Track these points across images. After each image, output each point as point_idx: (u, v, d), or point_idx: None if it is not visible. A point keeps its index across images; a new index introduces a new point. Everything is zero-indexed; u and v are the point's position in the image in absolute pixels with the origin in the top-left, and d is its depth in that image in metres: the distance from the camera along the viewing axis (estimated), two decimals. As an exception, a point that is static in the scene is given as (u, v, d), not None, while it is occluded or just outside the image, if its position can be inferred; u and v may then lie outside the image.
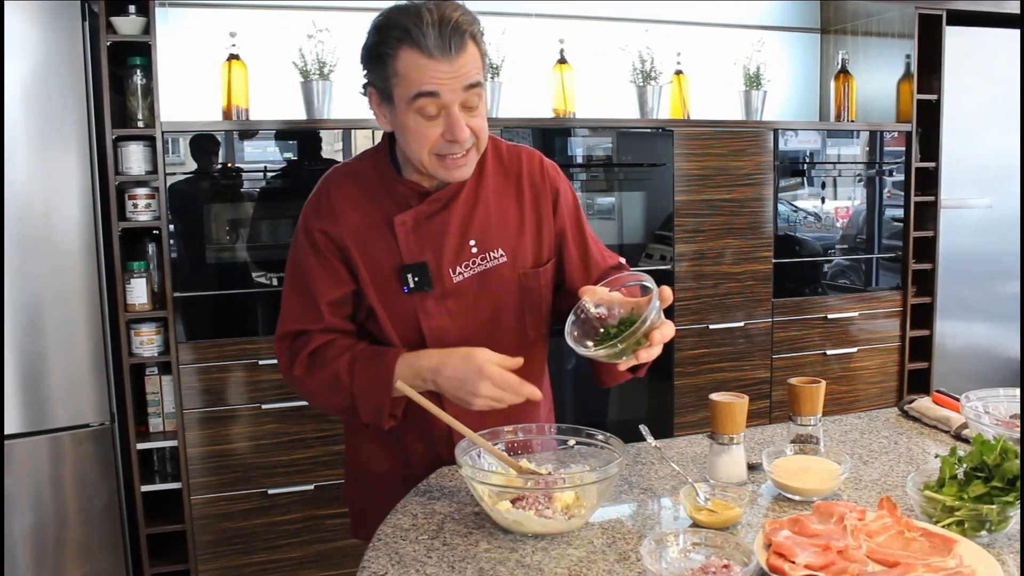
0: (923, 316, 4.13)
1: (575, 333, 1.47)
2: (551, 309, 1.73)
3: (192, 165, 3.06)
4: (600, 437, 1.52)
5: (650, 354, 1.42)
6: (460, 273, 1.61)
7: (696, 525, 1.36)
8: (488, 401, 1.47)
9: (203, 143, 3.08)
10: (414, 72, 1.43)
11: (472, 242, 1.61)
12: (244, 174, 3.13)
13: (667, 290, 1.43)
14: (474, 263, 1.62)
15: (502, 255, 1.64)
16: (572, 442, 1.55)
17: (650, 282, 1.46)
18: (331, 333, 1.60)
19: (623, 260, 1.79)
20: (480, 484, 1.35)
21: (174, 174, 3.03)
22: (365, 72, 1.53)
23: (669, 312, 3.68)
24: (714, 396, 1.55)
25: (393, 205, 1.59)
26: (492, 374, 1.46)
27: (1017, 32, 4.00)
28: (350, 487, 1.84)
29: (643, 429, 1.63)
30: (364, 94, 1.57)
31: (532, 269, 1.67)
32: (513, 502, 1.35)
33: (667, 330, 1.42)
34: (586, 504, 1.36)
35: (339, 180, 1.64)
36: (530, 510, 1.33)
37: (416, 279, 1.58)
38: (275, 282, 3.18)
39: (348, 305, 1.62)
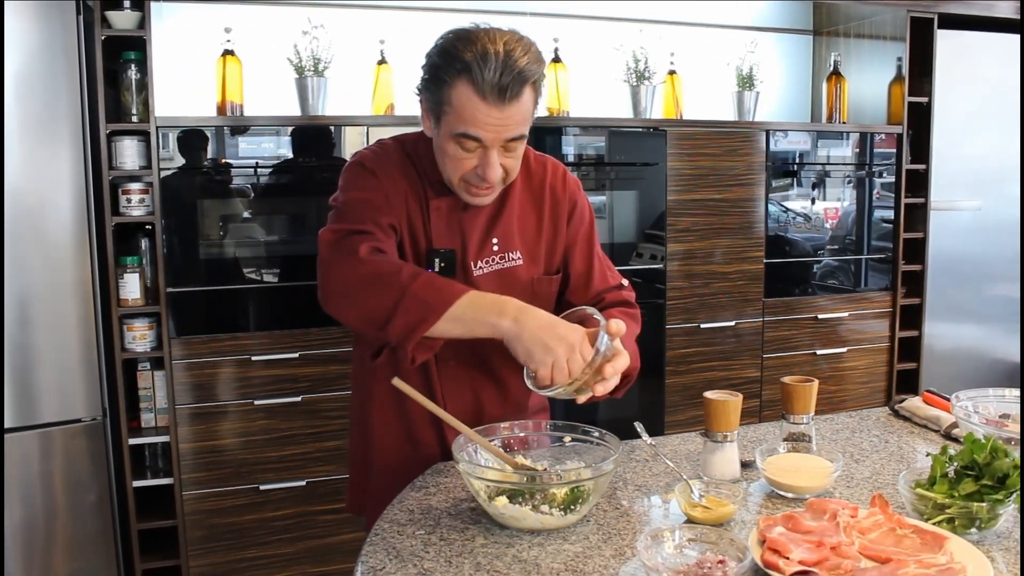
0: (912, 317, 4.16)
1: (533, 375, 1.46)
2: None
3: (187, 160, 3.06)
4: (595, 434, 1.53)
5: (605, 388, 1.45)
6: (481, 268, 1.65)
7: (691, 521, 1.38)
8: (564, 357, 1.38)
9: (194, 139, 3.07)
10: (465, 110, 1.46)
11: (495, 240, 1.67)
12: (238, 170, 3.13)
13: (615, 323, 1.44)
14: (494, 260, 1.67)
15: (519, 258, 1.69)
16: (568, 439, 1.57)
17: (598, 315, 1.48)
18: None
19: (625, 282, 1.82)
20: (477, 480, 1.36)
21: (168, 169, 3.03)
22: (423, 80, 1.55)
23: (660, 311, 3.68)
24: (708, 394, 1.57)
25: (431, 189, 1.63)
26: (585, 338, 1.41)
27: (1008, 36, 4.03)
28: (354, 462, 1.83)
29: (638, 426, 1.64)
30: (417, 95, 1.60)
31: (544, 276, 1.72)
32: (509, 498, 1.36)
33: (619, 363, 1.45)
34: (582, 500, 1.37)
35: (395, 146, 1.67)
36: (526, 506, 1.34)
37: (443, 264, 1.61)
38: (267, 278, 3.19)
39: (394, 238, 1.59)
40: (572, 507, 1.36)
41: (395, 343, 1.47)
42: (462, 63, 1.44)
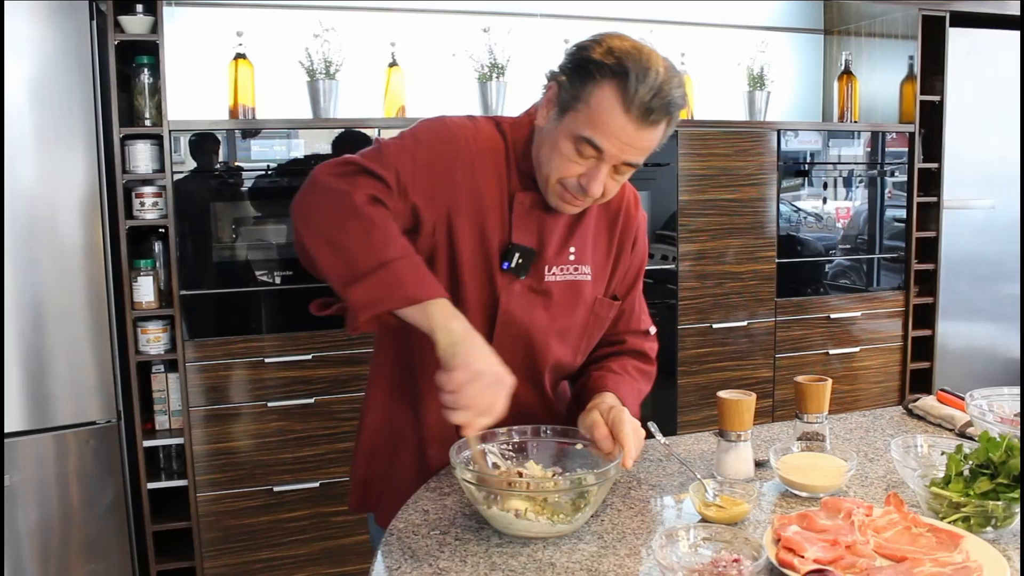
0: (925, 316, 4.14)
1: None
2: None
3: (199, 163, 3.08)
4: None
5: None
6: (554, 273, 1.58)
7: (705, 521, 1.38)
8: (476, 395, 1.32)
9: (206, 142, 3.09)
10: (601, 115, 1.38)
11: (572, 249, 1.60)
12: (250, 173, 3.14)
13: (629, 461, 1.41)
14: (567, 270, 1.60)
15: (588, 274, 1.63)
16: (579, 446, 1.52)
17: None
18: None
19: (653, 330, 1.79)
20: (469, 485, 1.34)
21: (181, 172, 3.04)
22: (562, 67, 1.46)
23: (672, 311, 3.68)
24: (722, 393, 1.57)
25: (516, 182, 1.54)
26: (508, 397, 1.36)
27: (1019, 34, 4.02)
28: (367, 456, 1.75)
29: (652, 426, 1.64)
30: (548, 80, 1.50)
31: (604, 298, 1.67)
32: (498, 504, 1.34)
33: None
34: (571, 511, 1.34)
35: (487, 131, 1.55)
36: (510, 513, 1.31)
37: (520, 260, 1.53)
38: (280, 280, 3.20)
39: (405, 215, 1.47)
40: (567, 515, 1.33)
41: (350, 306, 1.38)
42: (621, 67, 1.36)
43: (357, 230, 1.36)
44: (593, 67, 1.39)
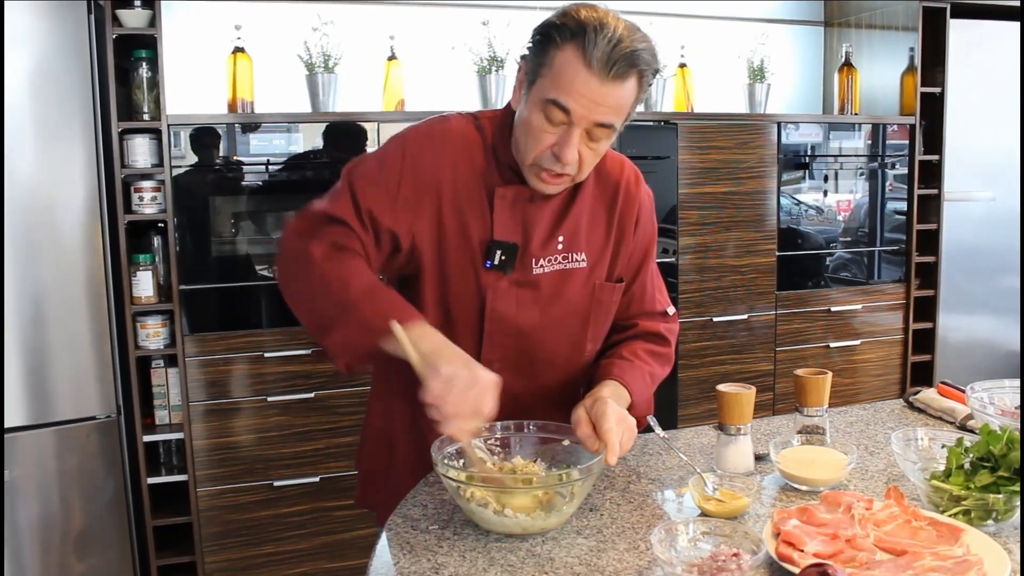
0: (926, 309, 4.14)
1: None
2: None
3: (198, 158, 3.07)
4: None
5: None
6: (542, 265, 1.56)
7: (705, 515, 1.37)
8: (458, 401, 1.30)
9: (205, 136, 3.08)
10: (564, 75, 1.37)
11: (560, 238, 1.57)
12: (249, 167, 3.13)
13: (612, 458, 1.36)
14: (556, 260, 1.57)
15: (583, 260, 1.59)
16: (566, 442, 1.50)
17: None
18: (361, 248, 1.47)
19: (671, 310, 1.76)
20: (444, 478, 1.34)
21: (180, 167, 3.03)
22: (531, 41, 1.45)
23: (674, 304, 3.69)
24: (721, 387, 1.57)
25: (496, 176, 1.52)
26: (495, 394, 1.34)
27: (1020, 25, 4.00)
28: (367, 451, 1.77)
29: (652, 420, 1.63)
30: (518, 62, 1.49)
31: (606, 283, 1.64)
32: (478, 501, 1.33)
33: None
34: (553, 508, 1.33)
35: (460, 129, 1.54)
36: (489, 508, 1.31)
37: (503, 257, 1.51)
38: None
39: (384, 242, 1.49)
40: (539, 513, 1.31)
41: (329, 354, 1.45)
42: (578, 27, 1.36)
43: (319, 284, 1.41)
44: (554, 31, 1.39)
